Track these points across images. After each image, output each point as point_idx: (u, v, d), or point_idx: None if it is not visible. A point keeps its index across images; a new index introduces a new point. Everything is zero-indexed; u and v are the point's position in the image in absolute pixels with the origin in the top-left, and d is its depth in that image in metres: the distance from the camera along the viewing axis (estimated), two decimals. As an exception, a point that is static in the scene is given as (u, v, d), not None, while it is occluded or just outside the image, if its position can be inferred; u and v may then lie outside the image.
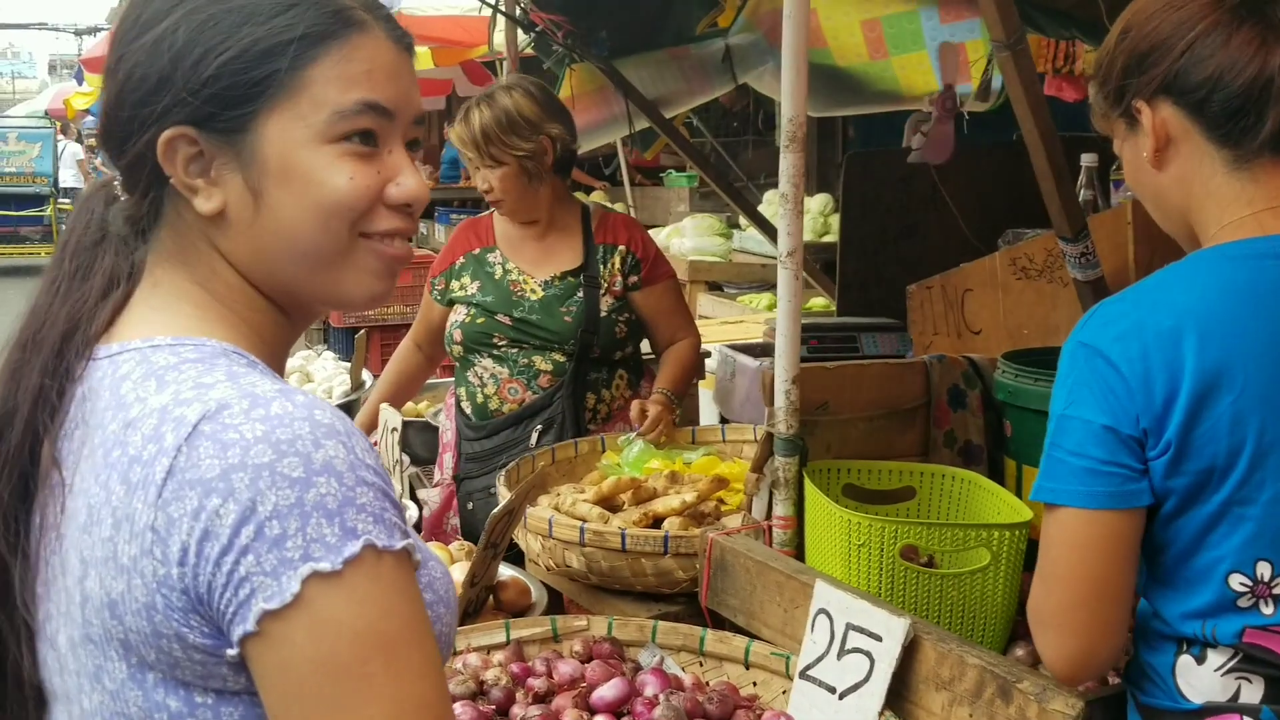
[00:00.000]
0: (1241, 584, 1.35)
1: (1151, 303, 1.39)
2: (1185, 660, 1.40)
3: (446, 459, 3.09)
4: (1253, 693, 1.37)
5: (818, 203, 7.34)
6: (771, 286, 6.88)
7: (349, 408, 3.73)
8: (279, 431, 0.89)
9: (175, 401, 0.92)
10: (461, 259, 3.02)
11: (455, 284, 3.00)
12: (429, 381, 3.62)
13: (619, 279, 2.95)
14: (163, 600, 0.89)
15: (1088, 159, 2.95)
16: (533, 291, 2.92)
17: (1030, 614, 1.47)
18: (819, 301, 5.74)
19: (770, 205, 7.49)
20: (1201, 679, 1.39)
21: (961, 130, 3.80)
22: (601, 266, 2.94)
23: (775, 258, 5.50)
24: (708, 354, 4.36)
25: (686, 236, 7.45)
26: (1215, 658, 1.38)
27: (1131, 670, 1.48)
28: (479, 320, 2.92)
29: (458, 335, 2.95)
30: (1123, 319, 1.39)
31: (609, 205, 4.17)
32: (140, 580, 0.89)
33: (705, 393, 4.39)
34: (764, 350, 4.22)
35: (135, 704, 0.93)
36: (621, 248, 2.98)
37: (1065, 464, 1.39)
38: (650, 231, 8.15)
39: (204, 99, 0.98)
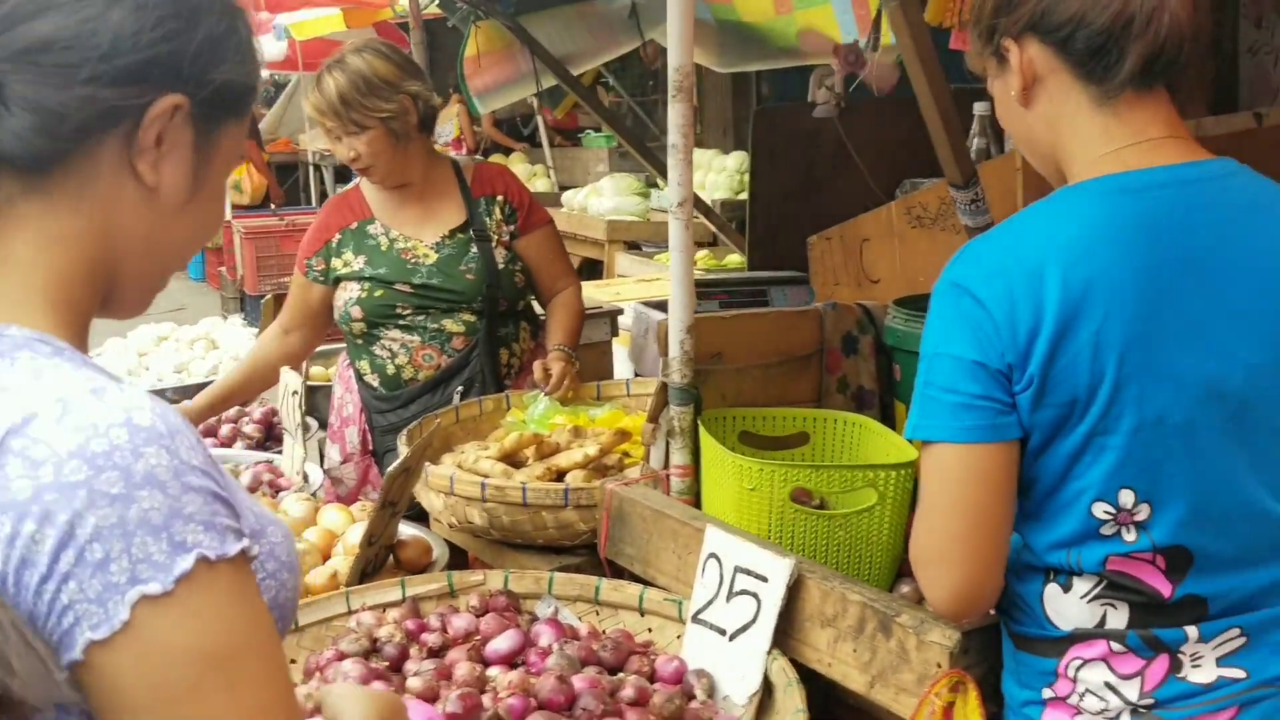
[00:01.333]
0: (1105, 512, 1.39)
1: (1016, 240, 1.42)
2: (1052, 589, 1.44)
3: (349, 432, 3.05)
4: (1118, 618, 1.41)
5: (734, 160, 7.36)
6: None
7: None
8: (94, 443, 0.83)
9: None
10: (338, 235, 2.95)
11: (337, 261, 2.93)
12: (326, 348, 3.56)
13: (504, 229, 2.94)
14: None
15: (980, 107, 2.99)
16: (425, 255, 2.89)
17: (913, 553, 1.49)
18: (735, 258, 5.77)
19: (687, 163, 7.50)
20: (1068, 606, 1.43)
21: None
22: (487, 219, 2.92)
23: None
24: (620, 311, 4.38)
25: (605, 196, 7.44)
26: (1081, 585, 1.42)
27: (1003, 601, 1.52)
28: (377, 293, 2.87)
29: (356, 312, 2.89)
30: (989, 257, 1.42)
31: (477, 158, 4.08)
32: None
33: (620, 350, 4.40)
34: (676, 306, 4.23)
35: None
36: (500, 197, 2.96)
37: (937, 400, 1.41)
38: (569, 192, 8.17)
39: (217, 86, 0.99)
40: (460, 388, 2.85)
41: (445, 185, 2.94)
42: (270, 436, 3.38)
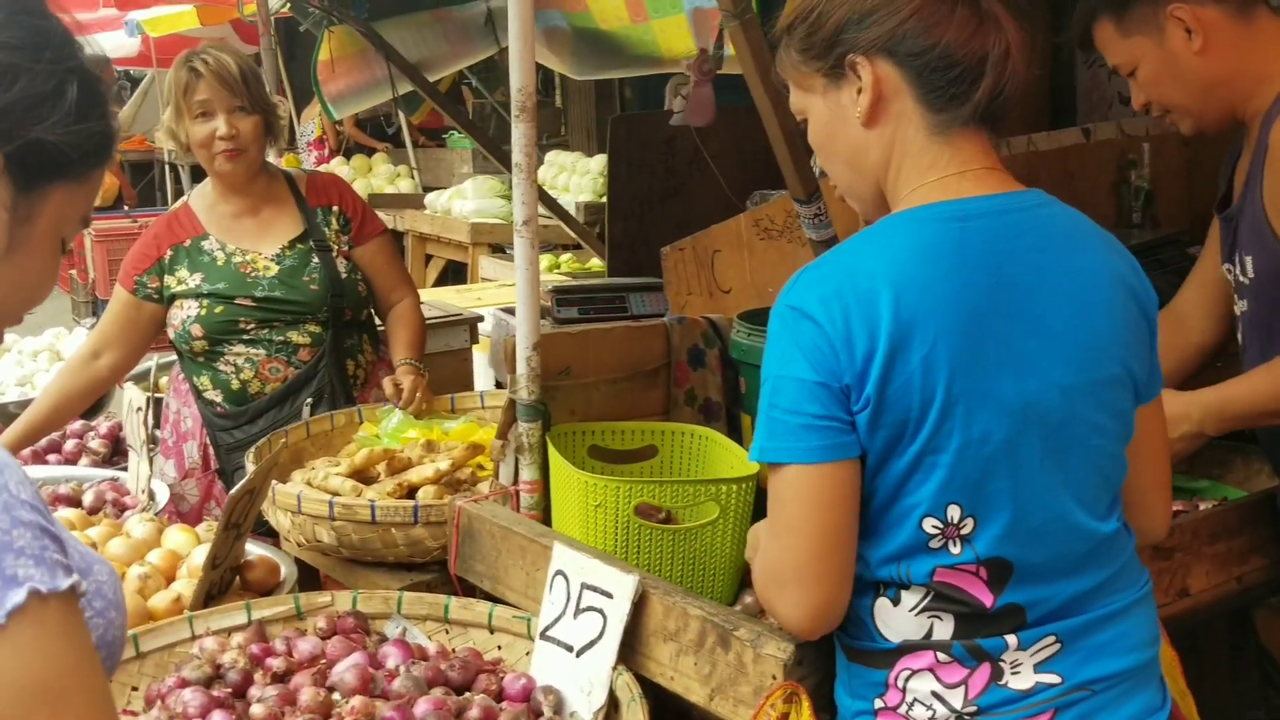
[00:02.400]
0: (934, 526, 1.44)
1: (850, 266, 1.46)
2: (882, 603, 1.49)
3: (188, 447, 2.99)
4: (944, 630, 1.47)
5: (598, 163, 7.38)
6: (553, 247, 6.91)
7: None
8: None
9: None
10: (169, 252, 2.89)
11: (170, 279, 2.88)
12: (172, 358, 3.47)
13: (341, 239, 2.93)
14: None
15: (827, 122, 3.06)
16: (266, 268, 2.85)
17: (766, 575, 1.51)
18: (599, 263, 5.80)
19: (550, 167, 7.51)
20: (897, 619, 1.48)
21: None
22: (326, 229, 2.91)
23: (552, 218, 5.51)
24: (481, 318, 4.38)
25: (468, 199, 7.40)
26: (909, 598, 1.47)
27: None
28: (217, 309, 2.83)
29: (197, 330, 2.84)
30: (825, 282, 1.45)
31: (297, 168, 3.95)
32: None
33: (480, 356, 4.40)
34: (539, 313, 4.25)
35: None
36: (335, 207, 2.95)
37: (783, 423, 1.44)
38: (432, 194, 8.09)
39: (30, 145, 1.00)
40: (310, 400, 2.82)
41: (279, 197, 2.92)
42: (117, 452, 3.29)
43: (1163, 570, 1.89)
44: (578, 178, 7.29)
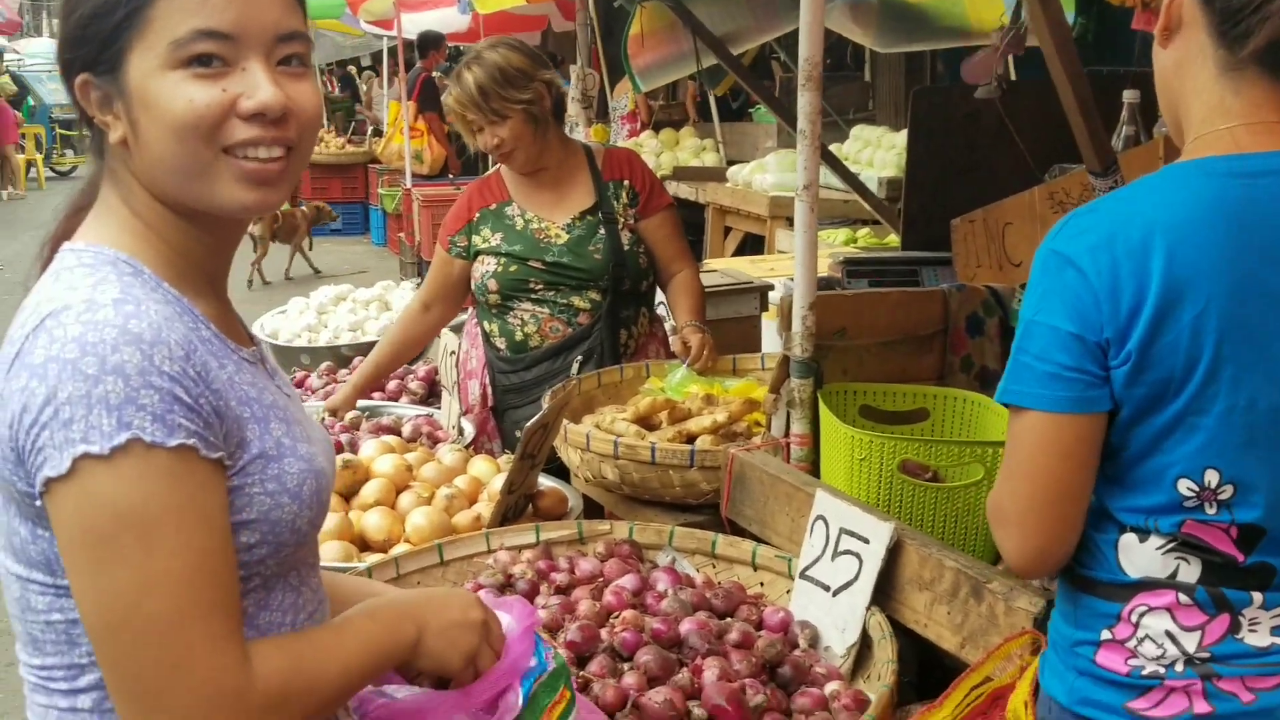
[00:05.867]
0: (1189, 489, 1.42)
1: (1124, 215, 1.43)
2: (1128, 538, 1.47)
3: (472, 385, 3.26)
4: (1190, 573, 1.44)
5: (904, 138, 7.29)
6: (851, 222, 6.92)
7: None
8: (90, 334, 1.06)
9: (45, 298, 1.11)
10: (478, 214, 3.17)
11: (477, 238, 3.15)
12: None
13: (629, 212, 3.12)
14: (3, 455, 1.10)
15: (1130, 95, 2.98)
16: (557, 236, 3.08)
17: (993, 511, 1.54)
18: (896, 239, 5.77)
19: (855, 141, 7.51)
20: (1142, 555, 1.46)
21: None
22: (615, 203, 3.11)
23: (850, 192, 5.51)
24: (772, 287, 4.49)
25: (769, 172, 7.49)
26: (1156, 539, 1.46)
27: None
28: (512, 268, 3.08)
29: (493, 285, 3.10)
30: (1095, 230, 1.43)
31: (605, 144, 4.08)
32: None
33: (769, 324, 4.51)
34: (826, 284, 4.31)
35: (3, 526, 1.16)
36: (626, 182, 3.14)
37: (1031, 368, 1.46)
38: (734, 167, 8.22)
39: (85, 47, 1.16)
40: (579, 357, 3.03)
41: (577, 170, 3.14)
42: (433, 393, 3.63)
43: None
44: (883, 152, 7.24)
